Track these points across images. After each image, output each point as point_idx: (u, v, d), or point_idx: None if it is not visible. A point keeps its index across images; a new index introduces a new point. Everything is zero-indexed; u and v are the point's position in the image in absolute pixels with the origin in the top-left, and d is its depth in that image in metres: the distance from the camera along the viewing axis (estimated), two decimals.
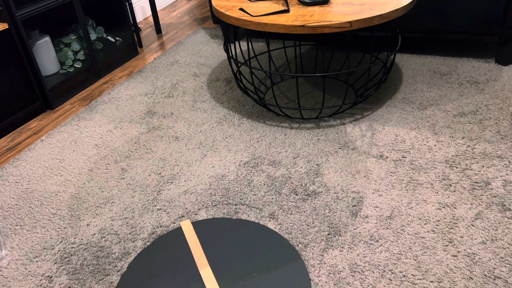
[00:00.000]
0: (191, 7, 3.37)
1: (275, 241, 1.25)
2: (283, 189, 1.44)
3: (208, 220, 1.35)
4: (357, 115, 1.79)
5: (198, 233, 1.30)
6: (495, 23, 1.95)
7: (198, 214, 1.38)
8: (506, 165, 1.44)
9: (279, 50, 2.41)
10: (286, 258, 1.19)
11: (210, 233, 1.29)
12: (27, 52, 1.95)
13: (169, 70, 2.33)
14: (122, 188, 1.52)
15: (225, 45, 1.85)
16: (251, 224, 1.31)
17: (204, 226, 1.32)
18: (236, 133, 1.76)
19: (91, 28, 2.44)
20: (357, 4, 1.57)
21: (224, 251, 1.23)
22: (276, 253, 1.21)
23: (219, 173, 1.55)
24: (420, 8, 2.03)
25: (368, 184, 1.43)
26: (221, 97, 2.03)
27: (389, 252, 1.19)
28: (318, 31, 1.46)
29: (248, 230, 1.29)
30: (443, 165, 1.48)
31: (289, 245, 1.23)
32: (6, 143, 1.87)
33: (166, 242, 1.28)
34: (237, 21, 1.57)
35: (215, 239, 1.27)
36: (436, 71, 2.05)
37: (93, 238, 1.33)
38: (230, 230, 1.30)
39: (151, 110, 1.98)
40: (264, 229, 1.29)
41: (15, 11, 1.86)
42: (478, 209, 1.29)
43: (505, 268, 1.11)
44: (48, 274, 1.23)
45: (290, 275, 1.14)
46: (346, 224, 1.29)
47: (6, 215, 1.45)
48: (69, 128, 1.90)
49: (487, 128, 1.63)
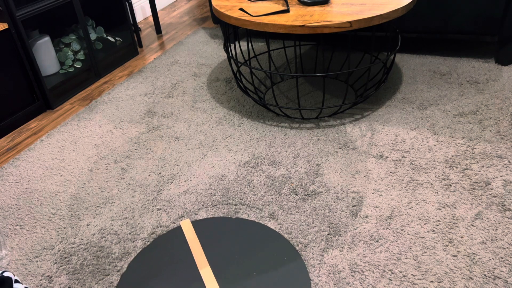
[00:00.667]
0: (191, 7, 3.37)
1: (275, 240, 1.25)
2: (283, 189, 1.44)
3: (208, 219, 1.35)
4: (357, 115, 1.79)
5: (198, 232, 1.30)
6: (495, 23, 1.95)
7: (198, 214, 1.38)
8: (506, 165, 1.44)
9: (279, 50, 2.41)
10: (286, 258, 1.19)
11: (210, 233, 1.29)
12: (27, 52, 1.95)
13: (169, 70, 2.33)
14: (122, 188, 1.52)
15: (225, 45, 1.85)
16: (251, 223, 1.31)
17: (204, 226, 1.32)
18: (236, 133, 1.76)
19: (91, 28, 2.44)
20: (357, 4, 1.57)
21: (224, 250, 1.23)
22: (276, 253, 1.21)
23: (219, 173, 1.55)
24: (420, 8, 2.03)
25: (368, 184, 1.43)
26: (221, 97, 2.03)
27: (389, 252, 1.19)
28: (318, 31, 1.46)
29: (248, 229, 1.29)
30: (443, 165, 1.48)
31: (289, 244, 1.23)
32: (6, 143, 1.87)
33: (166, 241, 1.28)
34: (237, 21, 1.57)
35: (215, 238, 1.27)
36: (436, 71, 2.05)
37: (93, 238, 1.33)
38: (230, 230, 1.30)
39: (151, 110, 1.98)
40: (264, 228, 1.29)
41: (15, 11, 1.86)
42: (478, 209, 1.29)
43: (505, 268, 1.11)
44: (48, 274, 1.23)
45: (290, 275, 1.14)
46: (346, 224, 1.29)
47: (6, 215, 1.45)
48: (69, 128, 1.90)
49: (487, 128, 1.63)
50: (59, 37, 2.34)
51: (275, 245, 1.23)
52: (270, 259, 1.19)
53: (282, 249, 1.22)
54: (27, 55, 1.96)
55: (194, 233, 1.30)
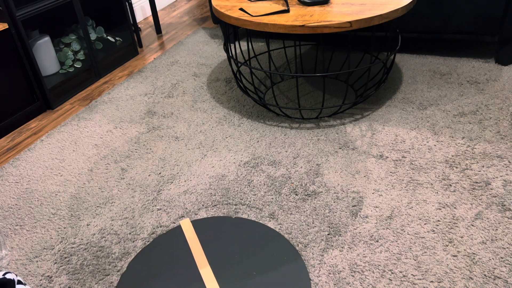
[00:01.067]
0: (191, 7, 3.37)
1: (276, 240, 1.25)
2: (283, 189, 1.44)
3: (208, 218, 1.35)
4: (357, 115, 1.79)
5: (198, 232, 1.30)
6: (495, 23, 1.95)
7: (198, 214, 1.38)
8: (506, 165, 1.44)
9: (279, 50, 2.41)
10: (286, 258, 1.19)
11: (210, 232, 1.29)
12: (27, 52, 1.95)
13: (169, 70, 2.34)
14: (122, 188, 1.52)
15: (225, 45, 1.85)
16: (251, 222, 1.31)
17: (204, 225, 1.32)
18: (236, 133, 1.76)
19: (91, 28, 2.44)
20: (357, 4, 1.57)
21: (224, 250, 1.23)
22: (276, 253, 1.21)
23: (219, 173, 1.55)
24: (420, 8, 2.03)
25: (368, 184, 1.43)
26: (221, 97, 2.03)
27: (389, 252, 1.19)
28: (318, 31, 1.46)
29: (248, 229, 1.29)
30: (443, 165, 1.48)
31: (289, 244, 1.23)
32: (6, 143, 1.87)
33: (166, 241, 1.28)
34: (237, 21, 1.57)
35: (215, 238, 1.27)
36: (436, 71, 2.05)
37: (93, 238, 1.33)
38: (230, 229, 1.30)
39: (151, 110, 1.98)
40: (264, 228, 1.29)
41: (15, 11, 1.86)
42: (478, 209, 1.29)
43: (505, 268, 1.11)
44: (48, 274, 1.23)
45: (290, 275, 1.14)
46: (346, 224, 1.29)
47: (6, 215, 1.45)
48: (69, 128, 1.90)
49: (487, 128, 1.63)
50: (59, 37, 2.34)
51: (275, 245, 1.23)
52: (270, 258, 1.19)
53: (282, 249, 1.22)
54: (27, 55, 1.96)
55: (194, 232, 1.30)
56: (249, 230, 1.29)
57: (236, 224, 1.31)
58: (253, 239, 1.26)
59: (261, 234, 1.27)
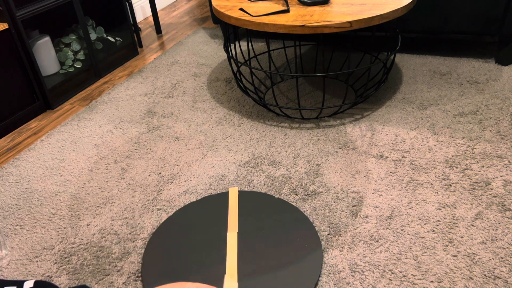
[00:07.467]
0: (191, 7, 3.37)
1: (304, 227, 1.28)
2: (283, 189, 1.44)
3: (254, 192, 1.43)
4: (357, 115, 1.79)
5: (241, 200, 1.39)
6: (495, 23, 1.95)
7: None
8: (506, 165, 1.44)
9: (279, 50, 2.41)
10: (307, 245, 1.22)
11: (250, 203, 1.38)
12: (27, 52, 1.95)
13: (169, 70, 2.34)
14: (122, 188, 1.52)
15: (225, 45, 1.85)
16: (289, 205, 1.36)
17: (248, 196, 1.41)
18: (236, 133, 1.76)
19: (91, 28, 2.44)
20: (357, 4, 1.57)
21: (256, 222, 1.31)
22: (300, 237, 1.25)
23: (219, 173, 1.55)
24: (420, 8, 2.03)
25: (368, 184, 1.43)
26: (221, 97, 2.03)
27: (389, 252, 1.19)
28: (318, 31, 1.46)
29: (284, 210, 1.35)
30: (443, 165, 1.48)
31: (315, 234, 1.26)
32: (6, 143, 1.87)
33: (213, 200, 1.41)
34: (237, 21, 1.57)
35: (252, 209, 1.35)
36: (436, 71, 2.05)
37: (93, 238, 1.33)
38: (268, 206, 1.37)
39: (151, 110, 1.98)
40: (299, 214, 1.33)
41: (15, 11, 1.86)
42: (478, 209, 1.29)
43: (505, 268, 1.11)
44: (48, 274, 1.23)
45: (305, 258, 1.18)
46: (346, 224, 1.29)
47: (6, 215, 1.45)
48: (69, 128, 1.90)
49: (487, 128, 1.63)
50: (59, 37, 2.34)
51: (303, 231, 1.27)
52: (293, 241, 1.24)
53: (307, 236, 1.26)
54: (27, 55, 1.96)
55: (237, 200, 1.39)
56: (285, 212, 1.34)
57: (275, 203, 1.38)
58: (284, 220, 1.31)
59: (294, 218, 1.31)
